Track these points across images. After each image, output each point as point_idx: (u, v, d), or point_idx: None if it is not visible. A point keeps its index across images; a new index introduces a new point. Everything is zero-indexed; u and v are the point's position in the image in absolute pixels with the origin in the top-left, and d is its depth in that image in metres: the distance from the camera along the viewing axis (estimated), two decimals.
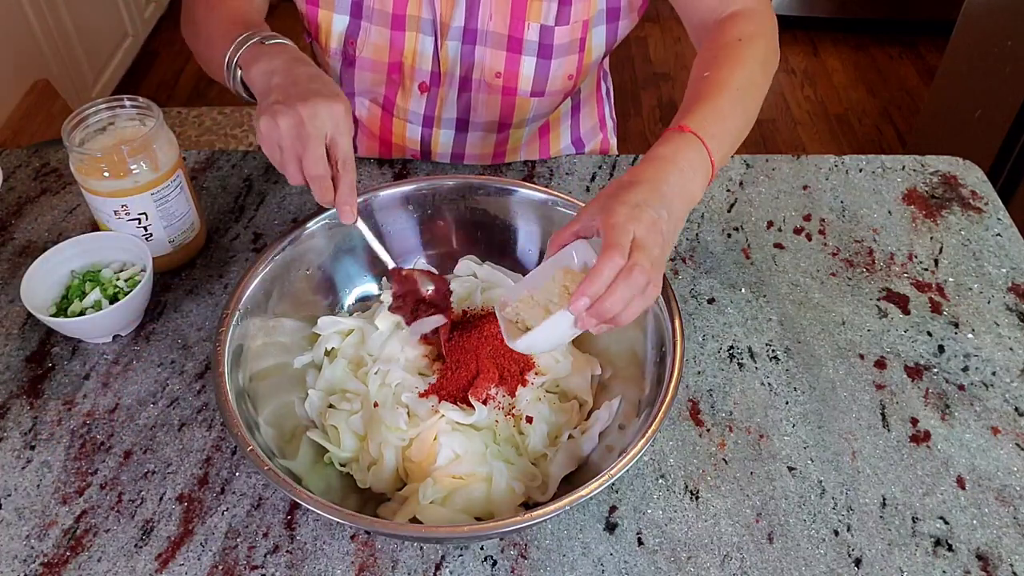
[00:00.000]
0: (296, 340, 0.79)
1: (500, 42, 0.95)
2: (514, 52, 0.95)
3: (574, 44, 0.96)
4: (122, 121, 0.89)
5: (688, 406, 0.81)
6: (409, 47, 0.97)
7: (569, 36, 0.95)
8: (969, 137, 2.09)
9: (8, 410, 0.81)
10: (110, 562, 0.70)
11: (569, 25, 0.94)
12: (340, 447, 0.73)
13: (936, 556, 0.70)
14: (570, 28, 0.94)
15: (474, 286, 0.84)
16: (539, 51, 0.95)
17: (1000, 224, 0.99)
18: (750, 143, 2.67)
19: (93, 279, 0.87)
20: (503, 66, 0.96)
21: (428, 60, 0.98)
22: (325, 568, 0.70)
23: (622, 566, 0.70)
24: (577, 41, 0.96)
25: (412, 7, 0.94)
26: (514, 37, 0.94)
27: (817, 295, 0.91)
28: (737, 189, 1.04)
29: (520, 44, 0.94)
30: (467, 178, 0.84)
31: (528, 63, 0.96)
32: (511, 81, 0.97)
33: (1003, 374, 0.84)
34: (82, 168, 0.84)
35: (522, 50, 0.95)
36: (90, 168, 0.84)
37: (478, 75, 0.98)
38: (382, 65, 0.99)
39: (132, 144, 0.83)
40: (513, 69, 0.96)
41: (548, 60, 0.96)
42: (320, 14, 0.95)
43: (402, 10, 0.94)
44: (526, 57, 0.95)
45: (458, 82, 1.00)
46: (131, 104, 0.88)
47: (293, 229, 0.79)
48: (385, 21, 0.95)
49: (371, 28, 0.96)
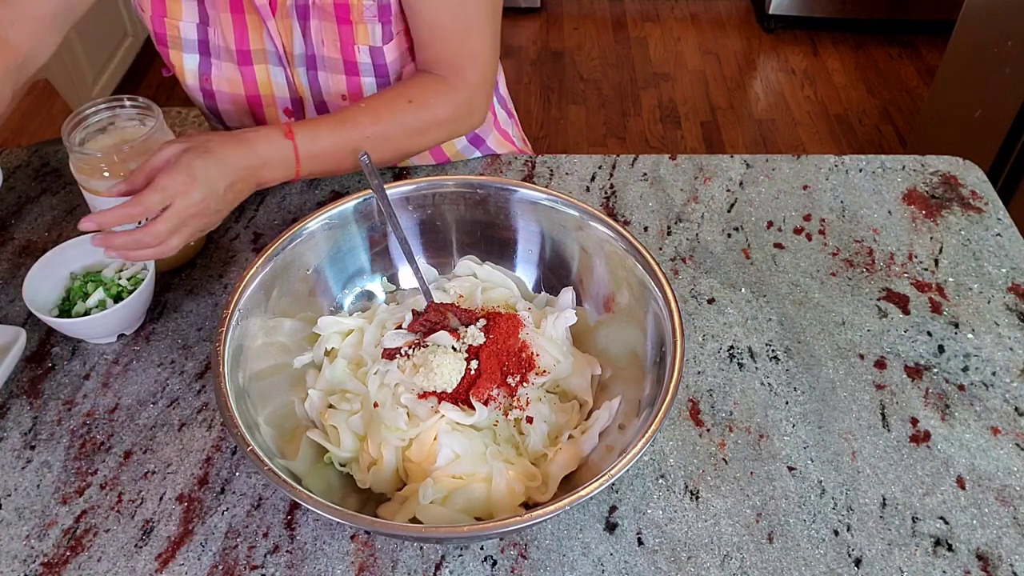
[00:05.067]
0: (296, 340, 0.79)
1: (337, 66, 0.97)
2: (352, 75, 0.98)
3: (404, 56, 0.99)
4: (122, 121, 0.89)
5: (688, 406, 0.81)
6: (262, 78, 1.00)
7: (397, 50, 0.97)
8: (969, 137, 2.09)
9: (8, 410, 0.81)
10: (110, 562, 0.70)
11: (394, 39, 0.96)
12: (340, 447, 0.73)
13: (936, 556, 0.70)
14: (395, 43, 0.96)
15: (474, 286, 0.84)
16: (375, 71, 0.98)
17: (1000, 224, 0.99)
18: (750, 143, 2.68)
19: (95, 280, 0.87)
20: (345, 88, 0.99)
21: (284, 88, 1.01)
22: (325, 568, 0.70)
23: (622, 566, 0.70)
24: (406, 52, 0.99)
25: (255, 42, 0.97)
26: (348, 60, 0.97)
27: (817, 295, 0.91)
28: (737, 189, 1.04)
29: (356, 67, 0.97)
30: (467, 178, 0.84)
31: (368, 83, 0.99)
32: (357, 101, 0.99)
33: (1003, 374, 0.84)
34: (82, 168, 0.84)
35: (359, 72, 0.98)
36: (90, 168, 0.84)
37: (328, 99, 1.01)
38: (240, 97, 1.02)
39: (132, 144, 0.83)
40: (355, 90, 1.00)
41: (386, 77, 0.99)
42: (171, 54, 1.00)
43: (245, 46, 0.97)
44: (364, 78, 0.98)
45: (314, 106, 1.03)
46: (131, 104, 0.88)
47: (293, 229, 0.79)
48: (231, 57, 0.98)
49: (221, 64, 0.99)
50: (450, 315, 0.78)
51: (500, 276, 0.85)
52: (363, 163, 0.78)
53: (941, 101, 2.25)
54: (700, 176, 1.06)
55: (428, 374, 0.72)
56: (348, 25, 0.93)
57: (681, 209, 1.02)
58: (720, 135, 2.72)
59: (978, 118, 2.04)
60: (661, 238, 0.98)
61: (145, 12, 0.97)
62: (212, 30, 0.97)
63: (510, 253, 0.86)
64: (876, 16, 3.06)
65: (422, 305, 0.80)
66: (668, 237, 0.98)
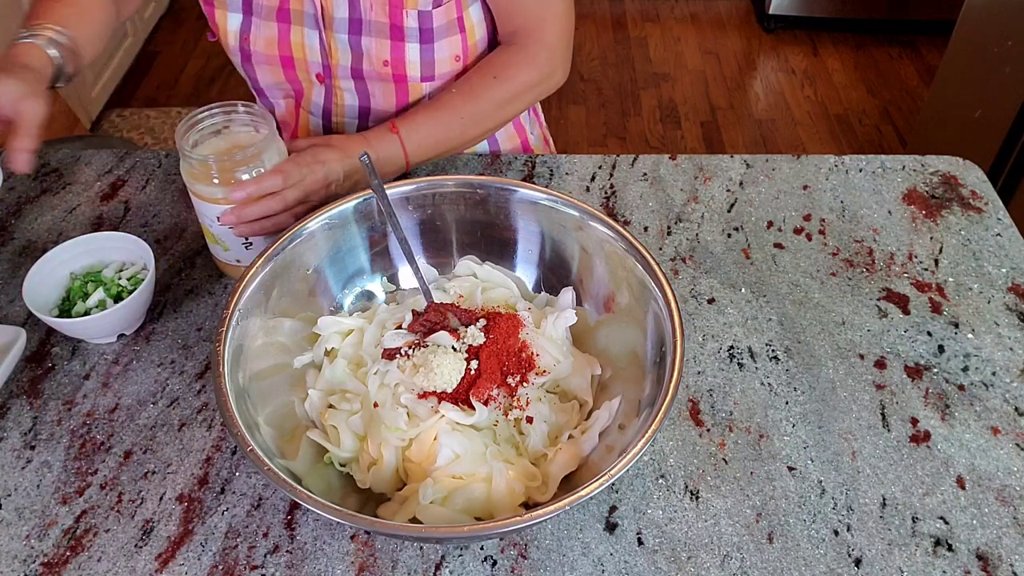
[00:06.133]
0: (296, 340, 0.79)
1: (383, 30, 0.98)
2: (397, 40, 0.98)
3: (452, 25, 0.99)
4: (236, 127, 0.88)
5: (688, 406, 0.81)
6: (296, 40, 1.01)
7: (446, 17, 0.98)
8: (969, 137, 2.09)
9: (8, 410, 0.81)
10: (110, 562, 0.70)
11: (444, 6, 0.97)
12: (340, 447, 0.73)
13: (936, 556, 0.70)
14: (445, 9, 0.97)
15: (474, 286, 0.84)
16: (420, 36, 0.98)
17: (1000, 224, 0.99)
18: (750, 143, 2.68)
19: (95, 280, 0.87)
20: (389, 54, 1.00)
21: (317, 52, 1.01)
22: (325, 568, 0.70)
23: (622, 566, 0.70)
24: (455, 21, 0.99)
25: (295, 1, 0.97)
26: (395, 25, 0.97)
27: (817, 295, 0.91)
28: (737, 189, 1.04)
29: (402, 32, 0.98)
30: (467, 178, 0.84)
31: (412, 49, 0.99)
32: (399, 68, 1.00)
33: (1003, 374, 0.84)
34: (192, 173, 0.83)
35: (404, 37, 0.98)
36: (200, 173, 0.83)
37: (367, 65, 1.01)
38: (275, 58, 1.02)
39: (245, 151, 0.83)
40: (399, 56, 1.00)
41: (431, 44, 0.99)
42: (216, 14, 1.01)
43: (286, 4, 0.98)
44: (409, 44, 0.99)
45: (351, 72, 1.03)
46: (245, 110, 0.87)
47: (293, 229, 0.79)
48: (271, 15, 0.99)
49: (260, 23, 1.00)
50: (450, 315, 0.78)
51: (500, 276, 0.85)
52: (363, 163, 0.78)
53: (941, 101, 2.25)
54: (700, 176, 1.06)
55: (428, 374, 0.72)
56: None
57: (681, 209, 1.02)
58: (720, 135, 2.72)
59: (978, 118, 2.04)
60: (661, 238, 0.98)
61: None
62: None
63: (510, 253, 0.86)
64: (876, 16, 3.06)
65: (422, 305, 0.80)
66: (668, 237, 0.98)
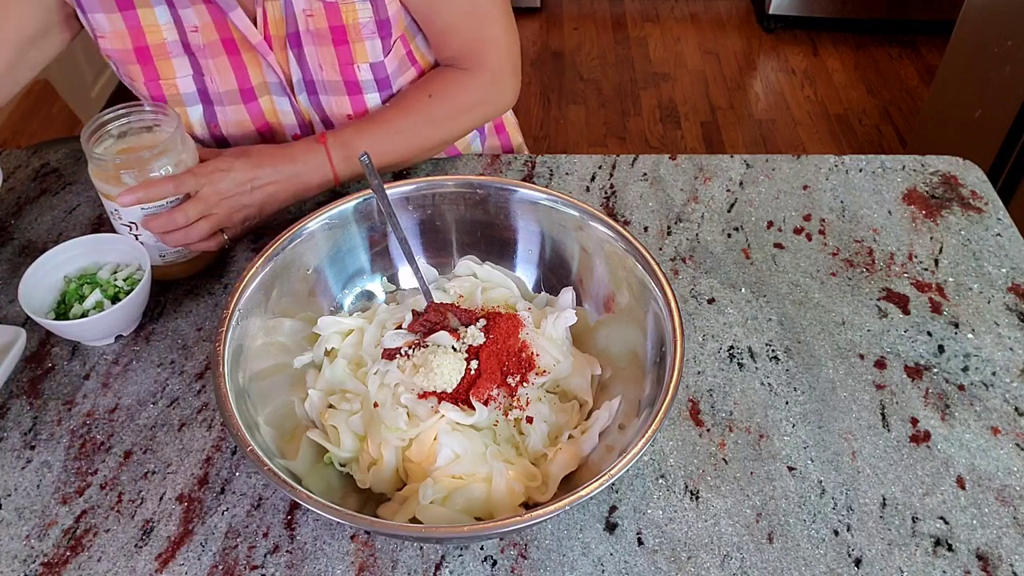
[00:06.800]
0: (296, 340, 0.79)
1: (339, 88, 0.98)
2: (355, 95, 0.98)
3: (404, 62, 0.99)
4: (140, 127, 0.88)
5: (688, 406, 0.81)
6: (267, 109, 1.00)
7: (396, 58, 0.97)
8: (969, 137, 2.09)
9: (8, 410, 0.81)
10: (110, 562, 0.70)
11: (392, 50, 0.96)
12: (340, 447, 0.73)
13: (936, 556, 0.70)
14: (394, 52, 0.96)
15: (474, 286, 0.84)
16: (378, 86, 0.98)
17: (1000, 224, 0.99)
18: (750, 143, 2.68)
19: (91, 281, 0.86)
20: (351, 108, 1.00)
21: (291, 115, 1.01)
22: (325, 568, 0.70)
23: (622, 566, 0.70)
24: (405, 57, 0.99)
25: (255, 77, 0.97)
26: (349, 81, 0.97)
27: (817, 295, 0.91)
28: (737, 189, 1.04)
29: (358, 85, 0.97)
30: (467, 178, 0.84)
31: (372, 98, 0.99)
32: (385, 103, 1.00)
33: (1003, 374, 0.84)
34: (99, 175, 0.83)
35: (361, 90, 0.98)
36: (108, 175, 0.83)
37: (335, 120, 1.01)
38: (251, 133, 1.02)
39: (151, 150, 0.83)
40: (360, 108, 1.00)
41: (388, 90, 0.99)
42: None
43: (247, 84, 0.97)
44: (368, 95, 0.99)
45: (322, 127, 1.03)
46: (150, 110, 0.87)
47: (293, 229, 0.79)
48: (235, 98, 0.98)
49: (225, 109, 0.99)
50: (450, 315, 0.78)
51: (500, 276, 0.85)
52: (363, 163, 0.78)
53: (941, 101, 2.25)
54: (700, 176, 1.06)
55: (428, 374, 0.72)
56: (346, 46, 0.93)
57: (681, 209, 1.02)
58: (720, 135, 2.72)
59: (978, 118, 2.04)
60: (661, 238, 0.98)
61: (136, 80, 0.96)
62: (208, 78, 0.96)
63: (510, 253, 0.86)
64: (876, 16, 3.06)
65: (422, 305, 0.80)
66: (668, 237, 0.98)
